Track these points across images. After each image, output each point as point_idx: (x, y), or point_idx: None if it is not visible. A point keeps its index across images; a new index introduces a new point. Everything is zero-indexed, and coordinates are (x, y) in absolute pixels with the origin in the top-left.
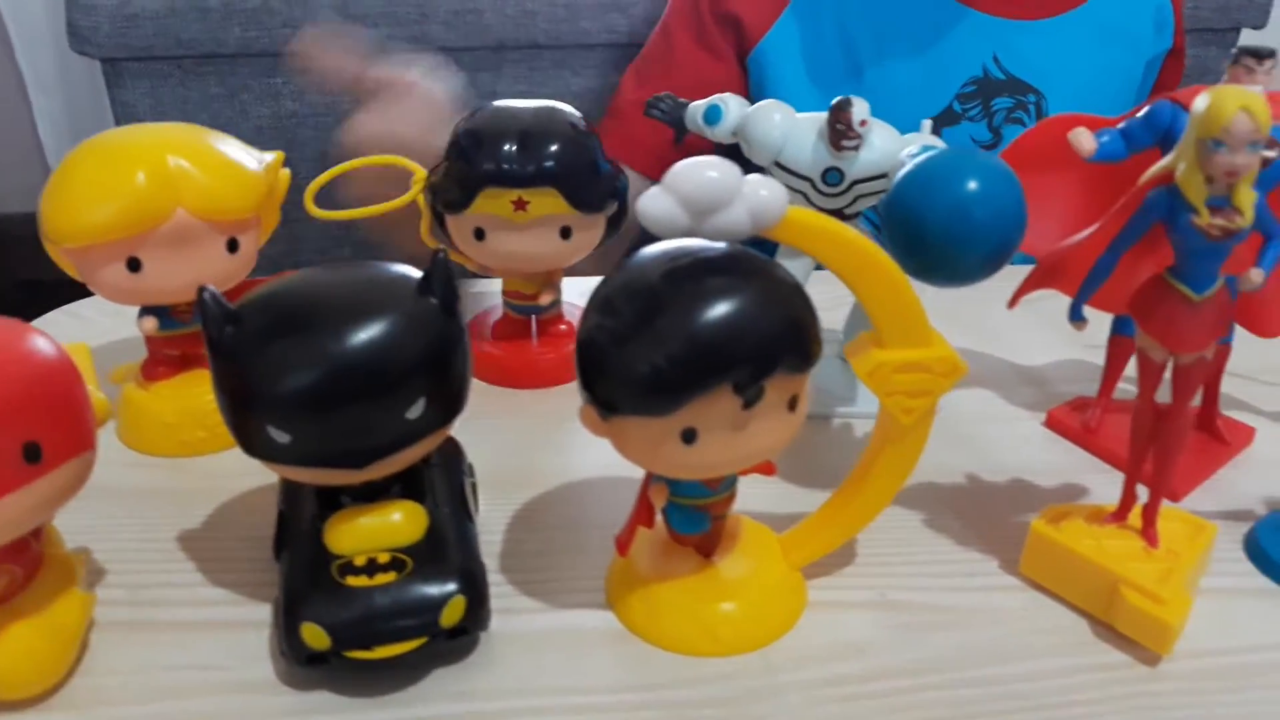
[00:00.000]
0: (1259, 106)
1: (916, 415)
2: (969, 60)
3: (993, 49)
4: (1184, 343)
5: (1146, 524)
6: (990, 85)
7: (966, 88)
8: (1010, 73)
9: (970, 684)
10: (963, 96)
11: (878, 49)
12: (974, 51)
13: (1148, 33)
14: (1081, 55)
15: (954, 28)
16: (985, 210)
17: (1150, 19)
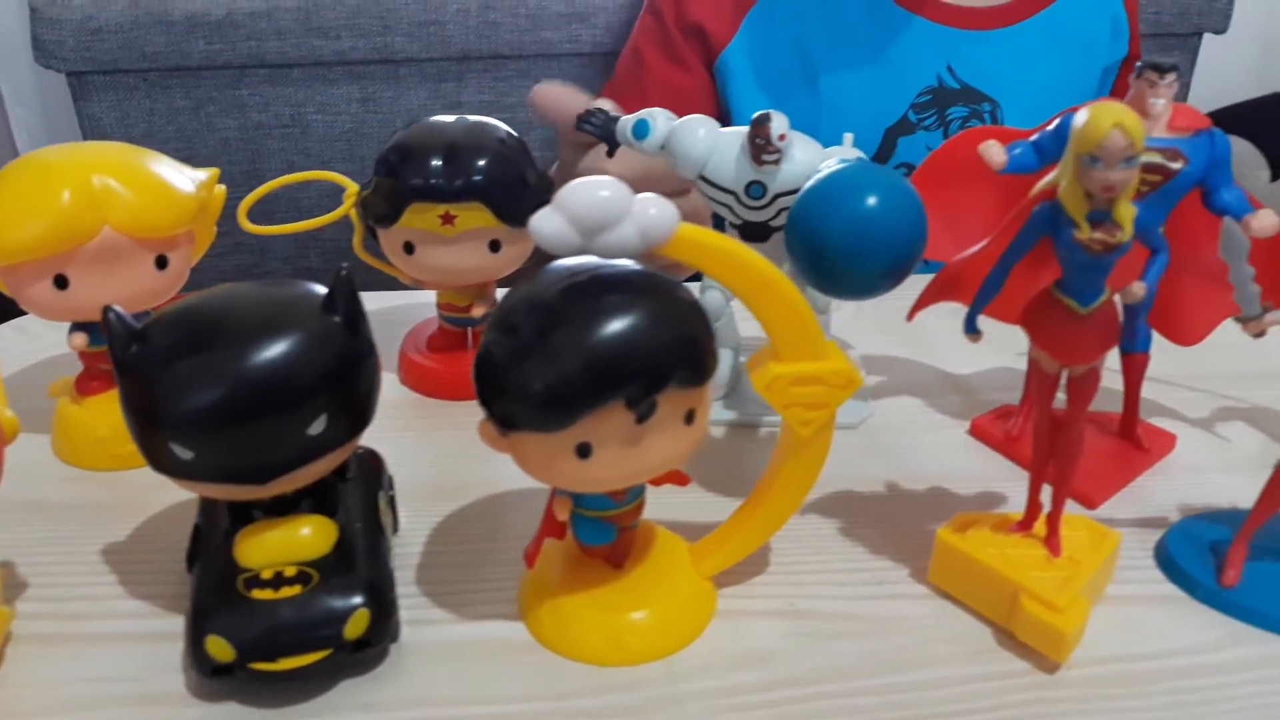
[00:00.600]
0: (1133, 123)
1: (815, 427)
2: (923, 70)
3: (946, 59)
4: (1072, 355)
5: (1050, 533)
6: (945, 94)
7: (921, 97)
8: (965, 82)
9: (868, 692)
10: (917, 106)
11: (833, 59)
12: (928, 61)
13: (1103, 41)
14: (1036, 64)
15: (908, 38)
16: (884, 225)
17: (1106, 27)
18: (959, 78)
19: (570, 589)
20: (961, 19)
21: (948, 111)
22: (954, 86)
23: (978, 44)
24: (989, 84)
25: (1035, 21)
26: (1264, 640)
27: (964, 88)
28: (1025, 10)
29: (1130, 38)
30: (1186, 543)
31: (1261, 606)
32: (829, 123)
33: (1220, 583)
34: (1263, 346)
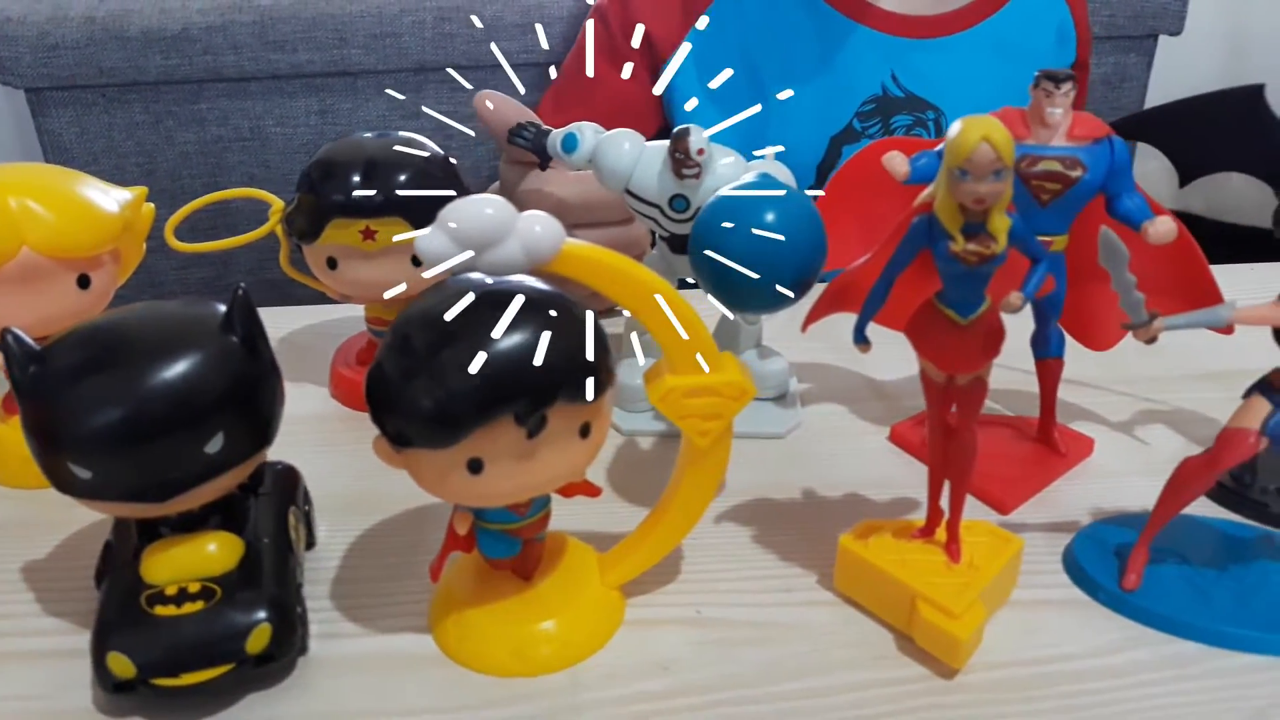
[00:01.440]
0: (1001, 136)
1: (712, 437)
2: (868, 79)
3: (891, 67)
4: (955, 364)
5: (949, 539)
6: (889, 103)
7: (866, 106)
8: (909, 90)
9: (767, 699)
10: (862, 115)
11: (779, 68)
12: (872, 70)
13: (1049, 48)
14: (980, 72)
15: (852, 47)
16: (783, 242)
17: (1052, 35)
18: (903, 86)
19: (476, 602)
20: (905, 28)
21: (892, 120)
22: (898, 95)
23: (922, 52)
24: (933, 92)
25: (979, 30)
26: (1162, 642)
27: (908, 96)
28: (969, 19)
29: (1077, 44)
30: (1093, 547)
31: (1160, 609)
32: (775, 131)
33: (1121, 586)
34: (1185, 350)
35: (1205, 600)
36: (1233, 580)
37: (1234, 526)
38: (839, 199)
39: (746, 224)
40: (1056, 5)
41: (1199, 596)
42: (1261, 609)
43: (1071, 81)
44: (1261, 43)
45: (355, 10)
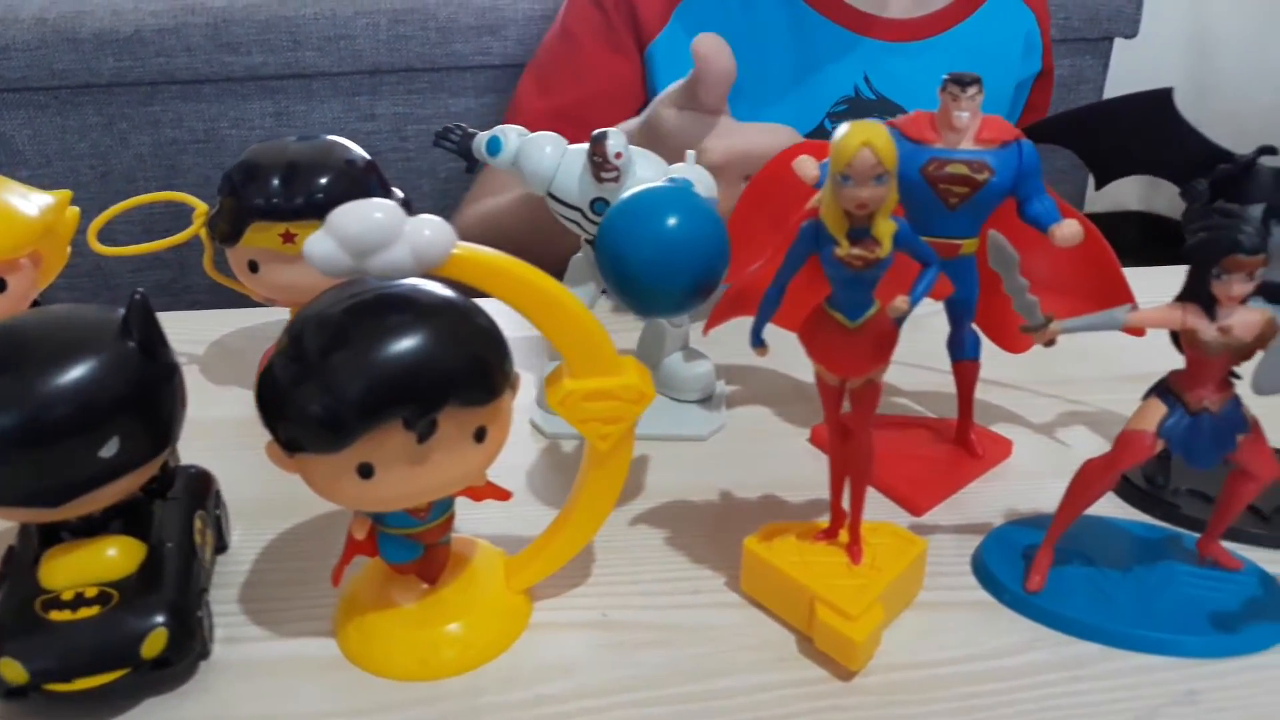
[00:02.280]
0: (882, 142)
1: (612, 441)
2: (841, 80)
3: (864, 69)
4: (845, 368)
5: (851, 540)
6: (861, 105)
7: (838, 107)
8: (880, 93)
9: (665, 701)
10: (834, 115)
11: (754, 63)
12: (846, 71)
13: (1017, 56)
14: None
15: (827, 46)
16: (683, 246)
17: (1019, 43)
18: (875, 89)
19: (379, 606)
20: (882, 30)
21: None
22: (870, 98)
23: (895, 56)
24: (904, 96)
25: (950, 35)
26: (1063, 643)
27: (880, 99)
28: (940, 24)
29: (1044, 53)
30: (1001, 549)
31: (1061, 610)
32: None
33: (1025, 588)
34: (1109, 352)
35: (1107, 601)
36: (1136, 581)
37: (1143, 528)
38: (757, 202)
39: (646, 227)
40: (1024, 15)
41: (1101, 598)
42: (1161, 610)
43: (978, 85)
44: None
45: (309, 13)
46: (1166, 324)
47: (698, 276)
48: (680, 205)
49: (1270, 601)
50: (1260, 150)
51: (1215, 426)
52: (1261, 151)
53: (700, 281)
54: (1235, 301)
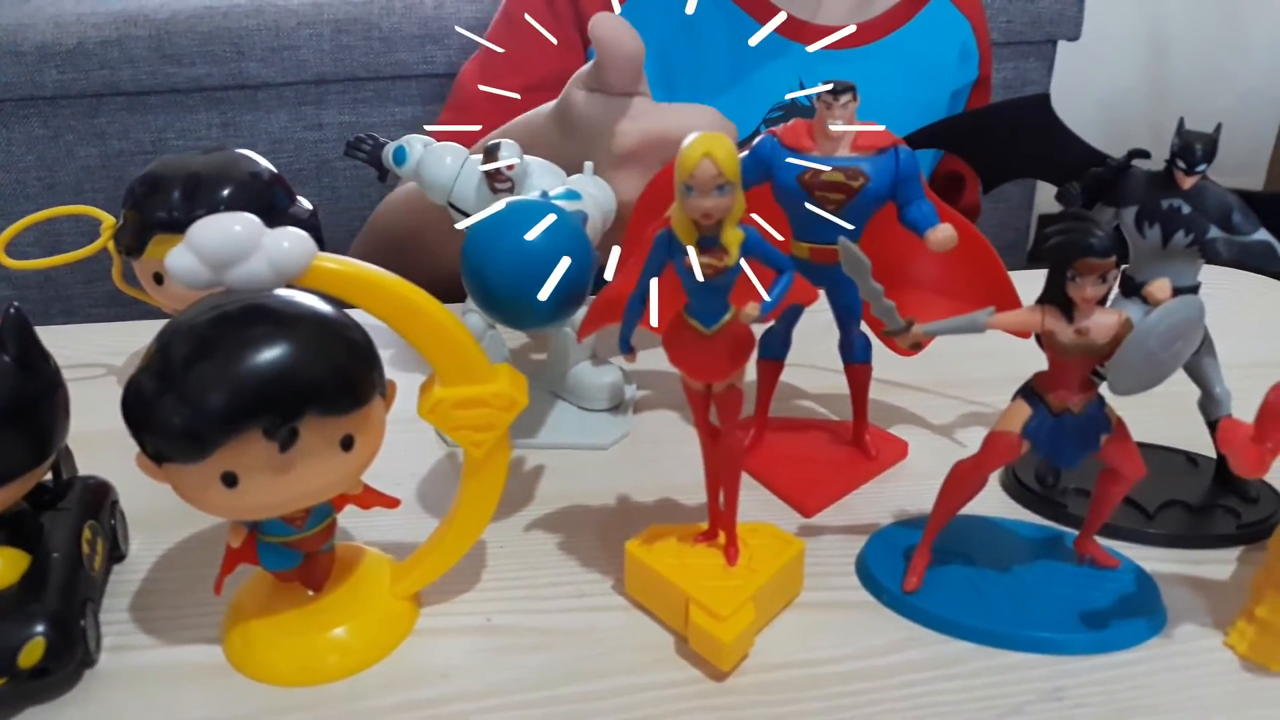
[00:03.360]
0: (723, 153)
1: (486, 448)
2: (777, 86)
3: (800, 76)
4: (703, 373)
5: (728, 542)
6: (796, 112)
7: (774, 113)
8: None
9: (539, 703)
10: (769, 122)
11: (691, 68)
12: (782, 78)
13: (953, 64)
14: (886, 86)
15: (764, 53)
16: (544, 259)
17: (955, 51)
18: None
19: (263, 613)
20: (815, 37)
21: None
22: (806, 104)
23: (830, 63)
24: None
25: (885, 44)
26: (938, 642)
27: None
28: (876, 32)
29: (980, 61)
30: (883, 549)
31: (936, 610)
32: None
33: (902, 588)
34: (1012, 352)
35: (981, 601)
36: (1013, 580)
37: (1028, 528)
38: (651, 210)
39: (507, 241)
40: (959, 23)
41: (976, 597)
42: (1034, 609)
43: (851, 94)
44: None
45: (251, 24)
46: (1025, 326)
47: (560, 289)
48: (541, 219)
49: (1144, 599)
50: (1132, 154)
51: (1078, 427)
52: (1133, 155)
53: (564, 294)
54: (1091, 303)
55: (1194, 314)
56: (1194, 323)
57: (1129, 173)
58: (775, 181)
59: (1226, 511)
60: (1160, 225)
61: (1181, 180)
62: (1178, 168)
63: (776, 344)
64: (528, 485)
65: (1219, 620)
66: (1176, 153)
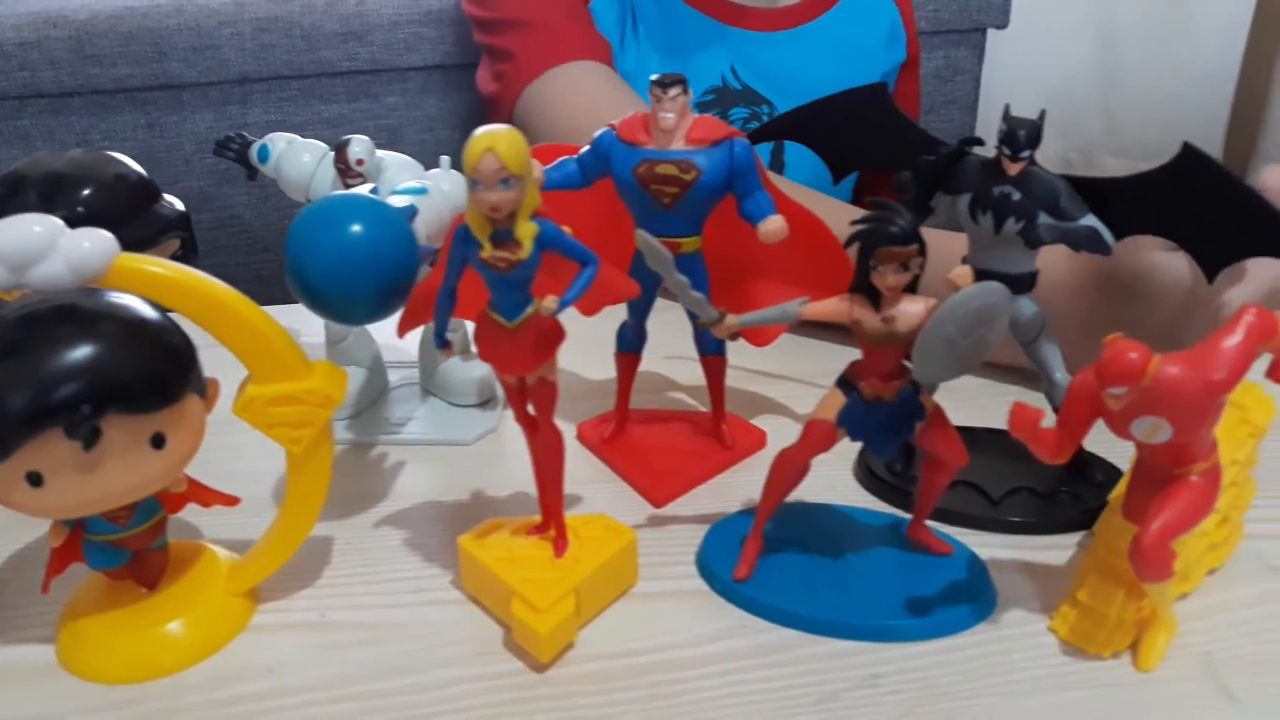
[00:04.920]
0: (506, 146)
1: (304, 445)
2: (709, 69)
3: (730, 59)
4: (509, 366)
5: (557, 534)
6: (728, 95)
7: (706, 96)
8: (746, 83)
9: (360, 697)
10: (702, 105)
11: (627, 50)
12: (714, 61)
13: (881, 46)
14: (814, 68)
15: (695, 35)
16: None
17: (884, 33)
18: (741, 79)
19: (94, 611)
20: (747, 20)
21: (730, 112)
22: (736, 87)
23: (760, 46)
24: (768, 87)
25: (813, 26)
26: (765, 630)
27: (745, 89)
28: (804, 15)
29: (907, 42)
30: (722, 538)
31: (764, 598)
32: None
33: (733, 577)
34: None
35: (810, 589)
36: (845, 568)
37: (871, 515)
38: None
39: (327, 235)
40: (887, 5)
41: (806, 585)
42: (861, 596)
43: (681, 86)
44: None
45: (172, 23)
46: (835, 315)
47: (383, 283)
48: (363, 212)
49: (973, 586)
50: (964, 141)
51: (890, 414)
52: (966, 142)
53: (387, 289)
54: (895, 292)
55: (995, 300)
56: (996, 309)
57: (963, 161)
58: (612, 175)
59: (1072, 497)
60: (992, 212)
61: (1008, 166)
62: (1003, 154)
63: (630, 337)
64: (385, 481)
65: (1048, 606)
66: (1001, 139)
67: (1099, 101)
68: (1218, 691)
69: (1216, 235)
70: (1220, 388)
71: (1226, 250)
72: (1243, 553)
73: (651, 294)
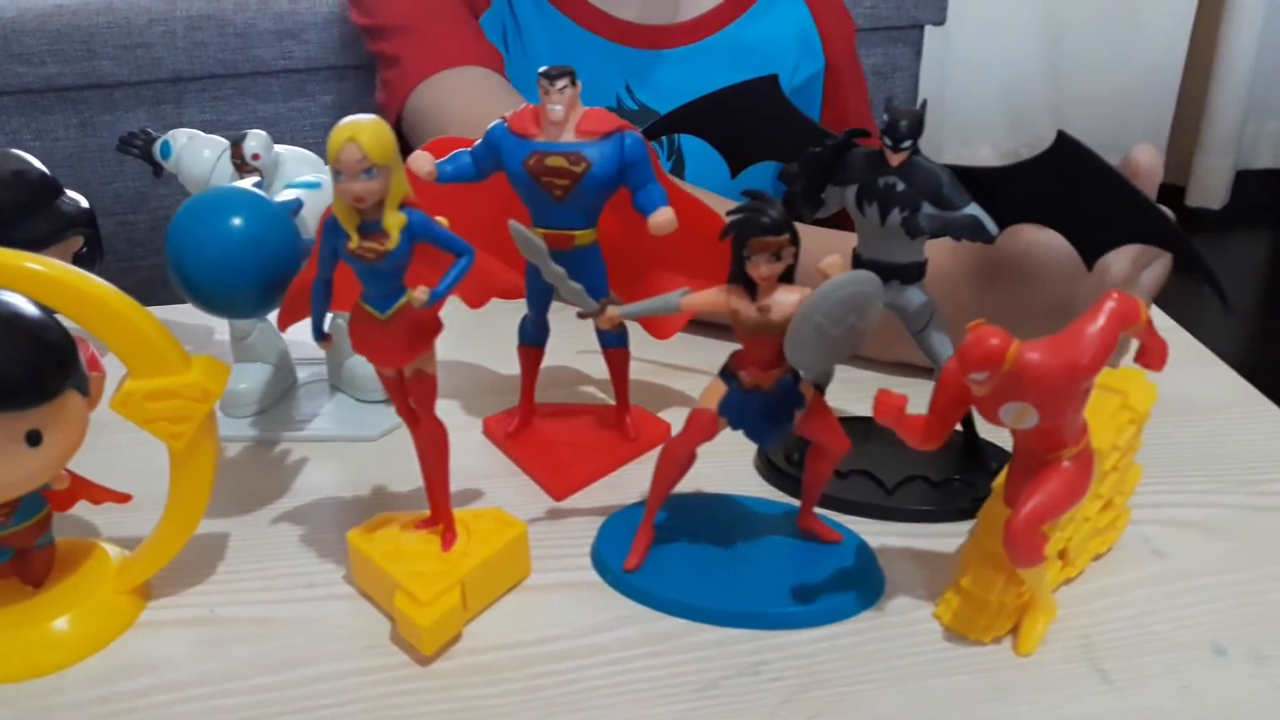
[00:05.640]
0: (368, 136)
1: (185, 440)
2: (603, 90)
3: (625, 79)
4: (384, 358)
5: (445, 528)
6: (623, 116)
7: None
8: (642, 102)
9: (240, 692)
10: None
11: (519, 73)
12: (607, 81)
13: (792, 55)
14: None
15: (585, 57)
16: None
17: (794, 43)
18: (637, 98)
19: None
20: (640, 38)
21: None
22: (633, 108)
23: (656, 64)
24: (666, 104)
25: (716, 40)
26: (653, 620)
27: (642, 108)
28: (706, 29)
29: (824, 49)
30: (619, 530)
31: (653, 589)
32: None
33: (623, 567)
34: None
35: (699, 578)
36: (735, 557)
37: (765, 505)
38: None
39: (207, 229)
40: (799, 11)
41: (695, 575)
42: (747, 585)
43: (568, 78)
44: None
45: (102, 21)
46: (713, 306)
47: (264, 277)
48: (243, 206)
49: (860, 574)
50: (850, 133)
51: (770, 403)
52: (851, 134)
53: (268, 282)
54: (770, 281)
55: (866, 289)
56: (867, 297)
57: (851, 152)
58: (504, 167)
59: (965, 485)
60: (878, 203)
61: (891, 157)
62: (885, 145)
63: (531, 330)
64: (285, 478)
65: (935, 593)
66: (883, 129)
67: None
68: (1093, 673)
69: (1094, 222)
70: (1083, 372)
71: (1104, 237)
72: (1129, 537)
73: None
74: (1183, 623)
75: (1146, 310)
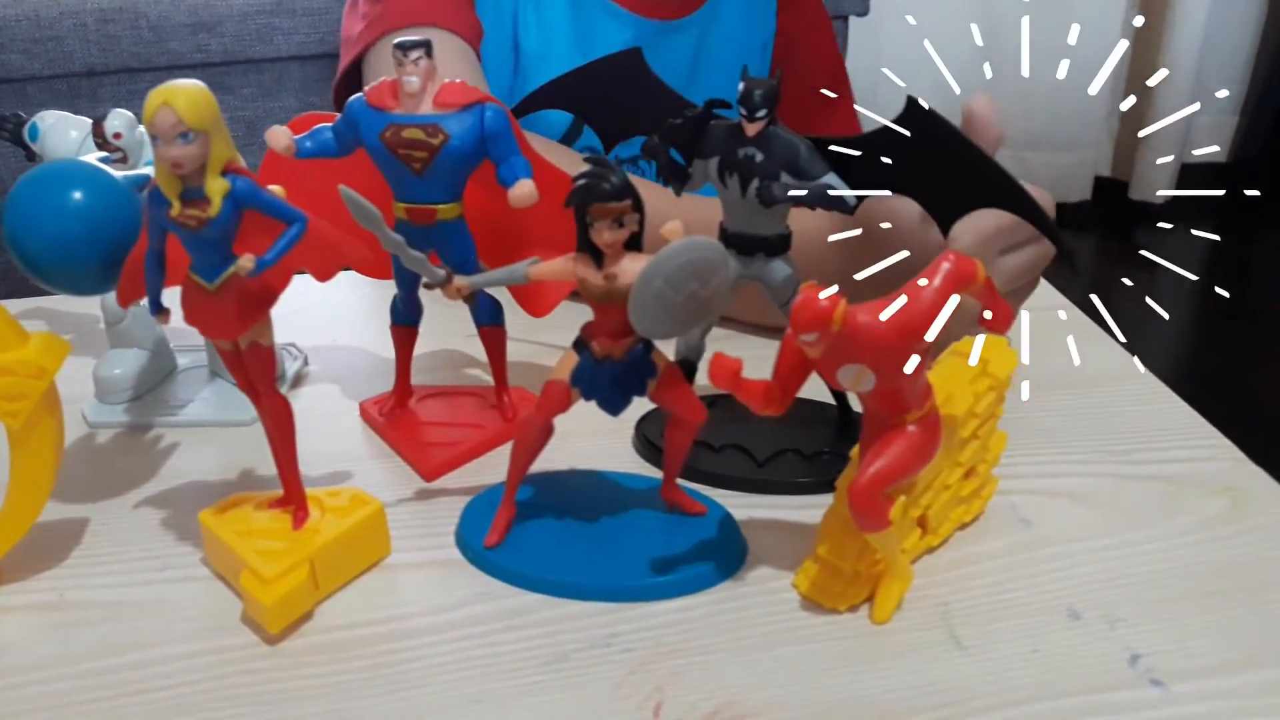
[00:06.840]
0: (184, 101)
1: (22, 419)
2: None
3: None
4: (214, 330)
5: (297, 506)
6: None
7: None
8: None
9: (79, 675)
10: None
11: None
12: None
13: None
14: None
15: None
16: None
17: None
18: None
19: None
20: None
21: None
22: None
23: (668, 33)
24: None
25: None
26: (509, 596)
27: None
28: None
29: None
30: (482, 508)
31: (510, 564)
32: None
33: (483, 544)
34: None
35: (559, 553)
36: (598, 532)
37: (631, 479)
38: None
39: (46, 203)
40: None
41: (554, 550)
42: (606, 558)
43: (422, 49)
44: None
45: (10, 14)
46: (561, 274)
47: (105, 252)
48: (83, 180)
49: (721, 545)
50: (709, 104)
51: (620, 373)
52: (711, 105)
53: (110, 258)
54: (615, 248)
55: (707, 255)
56: (710, 264)
57: (712, 124)
58: (363, 142)
59: (835, 458)
60: (738, 174)
61: (747, 127)
62: (741, 115)
63: (401, 310)
64: (154, 463)
65: (796, 563)
66: (739, 99)
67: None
68: (947, 640)
69: (946, 188)
70: (914, 332)
71: (956, 203)
72: (997, 506)
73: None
74: (1041, 588)
75: (983, 272)
